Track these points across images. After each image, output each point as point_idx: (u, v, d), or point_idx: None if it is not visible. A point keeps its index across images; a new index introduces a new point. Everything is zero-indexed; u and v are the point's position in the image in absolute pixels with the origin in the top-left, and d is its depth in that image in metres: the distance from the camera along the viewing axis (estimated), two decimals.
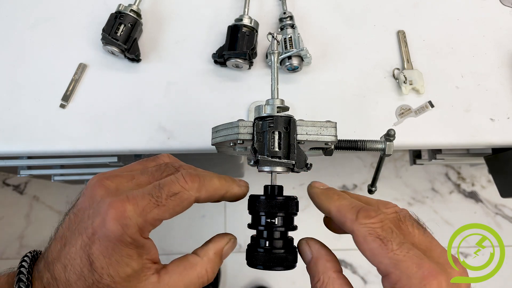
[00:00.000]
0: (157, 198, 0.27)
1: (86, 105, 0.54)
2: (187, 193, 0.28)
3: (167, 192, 0.28)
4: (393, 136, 0.42)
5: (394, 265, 0.25)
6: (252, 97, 0.54)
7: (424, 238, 0.28)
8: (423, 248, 0.27)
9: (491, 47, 0.57)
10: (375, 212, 0.28)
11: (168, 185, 0.28)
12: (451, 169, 1.46)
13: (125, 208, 0.26)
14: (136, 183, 0.30)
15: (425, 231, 0.28)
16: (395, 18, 0.59)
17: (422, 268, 0.24)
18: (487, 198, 1.42)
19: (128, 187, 0.29)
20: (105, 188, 0.28)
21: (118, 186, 0.29)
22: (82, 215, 0.28)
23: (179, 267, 0.29)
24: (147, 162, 0.33)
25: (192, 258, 0.30)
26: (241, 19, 0.54)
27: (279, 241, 0.32)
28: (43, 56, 0.56)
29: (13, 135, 0.52)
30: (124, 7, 0.55)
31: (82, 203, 0.29)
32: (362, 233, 0.27)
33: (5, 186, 1.45)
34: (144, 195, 0.27)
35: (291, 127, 0.35)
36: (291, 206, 0.33)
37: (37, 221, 1.41)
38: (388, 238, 0.26)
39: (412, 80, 0.54)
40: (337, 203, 0.30)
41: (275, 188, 0.34)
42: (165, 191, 0.28)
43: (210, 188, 0.30)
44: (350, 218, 0.28)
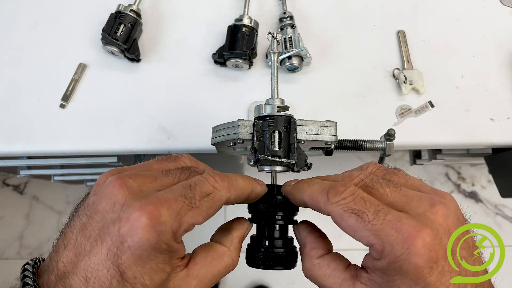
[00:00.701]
0: (190, 200, 0.25)
1: (86, 105, 0.54)
2: (219, 194, 0.27)
3: (200, 192, 0.26)
4: (393, 136, 0.42)
5: (374, 236, 0.24)
6: (252, 97, 0.54)
7: (397, 193, 0.27)
8: (399, 205, 0.26)
9: (491, 47, 0.57)
10: (343, 186, 0.27)
11: (199, 185, 0.26)
12: (451, 169, 1.46)
13: (159, 213, 0.24)
14: (160, 184, 0.27)
15: (396, 185, 0.28)
16: (395, 18, 0.59)
17: (401, 231, 0.24)
18: (487, 198, 1.41)
19: (153, 187, 0.26)
20: (127, 188, 0.25)
21: (141, 186, 0.26)
22: (102, 219, 0.25)
23: (206, 258, 0.28)
24: (167, 162, 0.31)
25: (219, 248, 0.30)
26: (241, 19, 0.54)
27: (279, 241, 0.32)
28: (43, 56, 0.56)
29: (13, 135, 0.52)
30: (124, 7, 0.55)
31: (99, 204, 0.26)
32: (338, 212, 0.26)
33: (5, 186, 1.45)
34: (177, 197, 0.25)
35: (291, 126, 0.35)
36: (290, 205, 0.33)
37: (37, 221, 1.41)
38: (362, 210, 0.25)
39: (412, 80, 0.54)
40: (308, 191, 0.29)
41: (274, 187, 0.34)
42: (198, 191, 0.26)
43: (238, 188, 0.29)
44: (323, 201, 0.27)
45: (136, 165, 0.30)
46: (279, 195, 0.34)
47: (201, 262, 0.28)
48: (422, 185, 0.29)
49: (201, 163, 0.33)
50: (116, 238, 0.23)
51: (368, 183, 0.28)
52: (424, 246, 0.23)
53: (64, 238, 0.26)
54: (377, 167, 0.31)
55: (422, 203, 0.26)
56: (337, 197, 0.26)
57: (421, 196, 0.26)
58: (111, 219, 0.24)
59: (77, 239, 0.25)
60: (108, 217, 0.25)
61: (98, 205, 0.26)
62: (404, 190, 0.27)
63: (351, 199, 0.26)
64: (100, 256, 0.24)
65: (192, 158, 0.32)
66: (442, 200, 0.26)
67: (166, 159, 0.31)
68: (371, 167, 0.31)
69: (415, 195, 0.27)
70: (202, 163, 0.33)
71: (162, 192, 0.25)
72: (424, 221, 0.25)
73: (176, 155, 0.32)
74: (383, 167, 0.31)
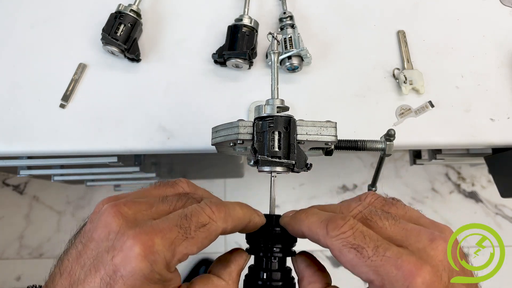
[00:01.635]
0: (185, 230, 0.25)
1: (86, 105, 0.54)
2: (215, 224, 0.26)
3: (195, 223, 0.26)
4: (393, 136, 0.42)
5: (374, 272, 0.24)
6: (252, 97, 0.54)
7: (396, 227, 0.27)
8: (398, 239, 0.26)
9: (491, 47, 0.57)
10: (342, 219, 0.26)
11: (195, 215, 0.26)
12: (451, 169, 1.46)
13: (153, 242, 0.23)
14: (156, 211, 0.27)
15: (395, 218, 0.27)
16: (395, 18, 0.59)
17: (402, 268, 0.24)
18: (487, 198, 1.42)
19: (148, 216, 0.26)
20: (122, 217, 0.25)
21: (136, 214, 0.26)
22: (97, 248, 0.25)
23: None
24: (165, 188, 0.31)
25: (217, 281, 0.29)
26: (241, 19, 0.54)
27: (277, 273, 0.32)
28: (43, 56, 0.56)
29: (13, 135, 0.52)
30: (124, 7, 0.55)
31: (94, 232, 0.26)
32: (337, 247, 0.26)
33: (5, 186, 1.45)
34: (171, 227, 0.25)
35: (291, 127, 0.35)
36: (289, 237, 0.32)
37: (37, 221, 1.41)
38: (361, 245, 0.25)
39: (412, 80, 0.54)
40: (306, 222, 0.29)
41: (273, 218, 0.33)
42: (193, 222, 0.26)
43: (236, 218, 0.28)
44: (322, 233, 0.27)
45: (134, 192, 0.30)
46: (277, 226, 0.33)
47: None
48: (421, 217, 0.29)
49: (200, 188, 0.32)
50: (109, 267, 0.23)
51: (367, 216, 0.28)
52: (424, 284, 0.23)
53: (61, 266, 0.26)
54: (375, 198, 0.30)
55: (421, 238, 0.26)
56: (336, 230, 0.26)
57: (420, 230, 0.26)
58: (106, 247, 0.24)
59: (72, 267, 0.25)
60: (102, 245, 0.25)
61: (93, 233, 0.26)
62: (403, 223, 0.27)
63: (350, 234, 0.26)
64: (93, 285, 0.23)
65: (190, 183, 0.32)
66: (442, 235, 0.26)
67: (164, 184, 0.31)
68: (369, 197, 0.30)
69: (414, 229, 0.26)
70: (200, 188, 0.32)
71: (157, 221, 0.25)
72: (424, 257, 0.24)
73: (174, 180, 0.32)
74: (381, 197, 0.30)
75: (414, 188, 1.43)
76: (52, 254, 1.37)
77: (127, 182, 1.05)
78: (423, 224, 0.28)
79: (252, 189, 1.38)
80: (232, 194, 1.40)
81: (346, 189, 1.41)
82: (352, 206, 0.29)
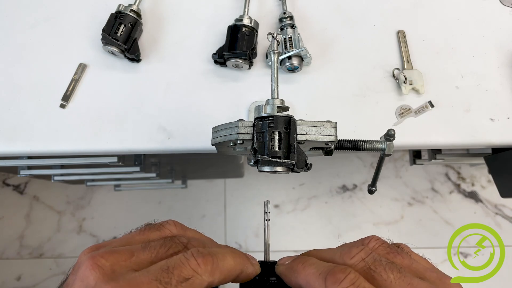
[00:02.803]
0: (165, 285, 0.23)
1: (86, 105, 0.54)
2: (199, 278, 0.24)
3: (177, 277, 0.24)
4: (393, 136, 0.42)
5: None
6: (252, 97, 0.54)
7: (402, 281, 0.25)
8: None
9: (491, 47, 0.57)
10: (342, 273, 0.24)
11: (178, 268, 0.24)
12: (451, 169, 1.46)
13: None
14: (136, 261, 0.25)
15: (400, 270, 0.25)
16: (395, 18, 0.59)
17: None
18: (487, 198, 1.42)
19: (127, 267, 0.25)
20: (99, 270, 0.24)
21: (114, 266, 0.25)
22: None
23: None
24: (150, 232, 0.29)
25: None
26: (241, 19, 0.54)
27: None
28: (43, 56, 0.56)
29: (13, 135, 0.52)
30: (124, 7, 0.55)
31: (73, 286, 0.25)
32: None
33: (5, 186, 1.45)
34: (150, 281, 0.23)
35: (291, 127, 0.35)
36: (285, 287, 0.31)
37: (37, 221, 1.41)
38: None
39: (412, 80, 0.54)
40: (302, 274, 0.27)
41: (267, 265, 0.32)
42: (175, 275, 0.24)
43: (224, 270, 0.26)
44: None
45: (117, 240, 0.29)
46: (273, 275, 0.31)
47: None
48: (428, 270, 0.27)
49: (189, 229, 0.31)
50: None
51: (370, 265, 0.26)
52: None
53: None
54: (379, 243, 0.28)
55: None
56: (336, 285, 0.24)
57: (424, 283, 0.25)
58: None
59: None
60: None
61: (72, 287, 0.25)
62: (409, 277, 0.25)
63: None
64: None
65: (178, 225, 0.30)
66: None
67: (150, 228, 0.29)
68: (373, 242, 0.28)
69: (421, 286, 0.25)
70: (190, 230, 0.31)
71: (136, 274, 0.24)
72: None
73: (161, 222, 0.30)
74: (386, 243, 0.28)
75: (414, 188, 1.43)
76: (52, 254, 1.37)
77: (127, 182, 1.05)
78: (429, 279, 0.26)
79: (252, 189, 1.38)
80: (232, 194, 1.40)
81: (346, 189, 1.42)
82: (354, 252, 0.27)
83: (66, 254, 1.36)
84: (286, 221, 1.36)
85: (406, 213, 1.39)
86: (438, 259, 1.32)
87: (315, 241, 1.32)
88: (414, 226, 1.38)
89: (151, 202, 1.41)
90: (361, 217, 1.38)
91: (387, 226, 1.37)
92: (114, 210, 1.42)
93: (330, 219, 1.36)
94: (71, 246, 1.37)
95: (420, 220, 1.38)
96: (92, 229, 1.40)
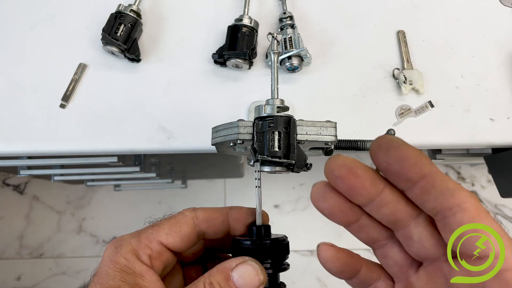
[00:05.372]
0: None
1: (86, 105, 0.54)
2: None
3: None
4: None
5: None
6: (252, 97, 0.54)
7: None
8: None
9: (491, 47, 0.57)
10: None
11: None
12: (451, 169, 1.46)
13: None
14: None
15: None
16: (395, 18, 0.59)
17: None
18: (487, 198, 1.42)
19: None
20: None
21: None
22: None
23: None
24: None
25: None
26: (241, 19, 0.54)
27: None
28: (43, 56, 0.56)
29: (13, 135, 0.52)
30: (124, 7, 0.55)
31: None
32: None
33: (5, 186, 1.45)
34: None
35: (291, 127, 0.35)
36: (281, 250, 0.30)
37: (37, 221, 1.41)
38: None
39: (412, 80, 0.54)
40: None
41: (261, 228, 0.31)
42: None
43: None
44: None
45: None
46: (268, 237, 0.30)
47: None
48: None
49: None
50: None
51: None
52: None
53: None
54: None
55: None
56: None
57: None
58: None
59: None
60: None
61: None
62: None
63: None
64: None
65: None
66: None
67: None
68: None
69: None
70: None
71: None
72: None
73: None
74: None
75: None
76: (52, 254, 1.37)
77: (127, 182, 1.05)
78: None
79: (252, 189, 1.38)
80: (232, 194, 1.40)
81: None
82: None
83: (66, 254, 1.36)
84: (286, 221, 1.36)
85: None
86: None
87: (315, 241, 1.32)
88: None
89: (151, 202, 1.41)
90: None
91: None
92: (114, 210, 1.42)
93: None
94: (71, 246, 1.37)
95: None
96: (92, 229, 1.40)
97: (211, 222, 0.29)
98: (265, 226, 0.31)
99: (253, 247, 0.29)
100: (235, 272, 0.27)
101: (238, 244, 0.30)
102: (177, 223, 0.27)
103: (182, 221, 0.27)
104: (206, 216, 0.29)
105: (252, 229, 0.31)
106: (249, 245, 0.29)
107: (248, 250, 0.29)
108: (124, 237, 0.25)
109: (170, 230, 0.26)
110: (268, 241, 0.30)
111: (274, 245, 0.30)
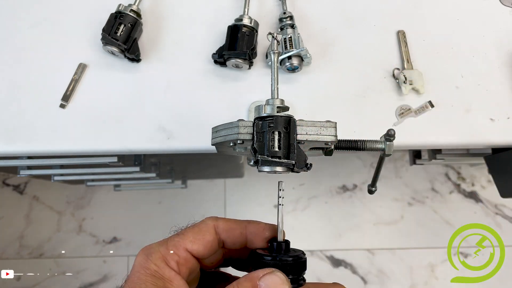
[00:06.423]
0: None
1: (86, 105, 0.54)
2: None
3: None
4: (393, 136, 0.42)
5: None
6: (252, 97, 0.54)
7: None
8: None
9: (491, 47, 0.57)
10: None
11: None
12: (451, 169, 1.46)
13: None
14: None
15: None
16: (395, 18, 0.59)
17: None
18: (487, 198, 1.41)
19: None
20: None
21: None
22: None
23: None
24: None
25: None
26: (241, 19, 0.54)
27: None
28: (43, 56, 0.56)
29: (13, 135, 0.52)
30: (124, 7, 0.55)
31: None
32: None
33: (5, 186, 1.45)
34: None
35: (291, 127, 0.34)
36: (301, 267, 0.31)
37: (37, 221, 1.41)
38: None
39: (412, 80, 0.54)
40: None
41: (281, 245, 0.32)
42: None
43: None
44: None
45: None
46: (287, 253, 0.31)
47: None
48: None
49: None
50: None
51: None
52: None
53: None
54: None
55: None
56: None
57: None
58: None
59: None
60: None
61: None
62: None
63: None
64: None
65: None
66: None
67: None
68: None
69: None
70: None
71: None
72: None
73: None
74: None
75: (414, 188, 1.43)
76: (52, 254, 1.37)
77: (127, 182, 1.05)
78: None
79: (252, 189, 1.38)
80: (232, 194, 1.40)
81: (346, 189, 1.42)
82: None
83: (66, 254, 1.36)
84: (286, 221, 1.35)
85: (406, 213, 1.39)
86: (438, 259, 1.32)
87: (315, 241, 1.32)
88: (414, 226, 1.38)
89: (151, 202, 1.41)
90: (361, 217, 1.38)
91: (387, 226, 1.37)
92: (114, 210, 1.42)
93: (330, 219, 1.36)
94: (71, 246, 1.37)
95: (420, 220, 1.38)
96: (92, 229, 1.40)
97: (230, 232, 0.31)
98: (285, 243, 0.32)
99: (277, 263, 0.30)
100: (263, 281, 0.28)
101: (261, 259, 0.31)
102: (200, 231, 0.29)
103: (205, 229, 0.29)
104: (226, 226, 0.31)
105: (273, 244, 0.32)
106: (272, 261, 0.30)
107: (273, 266, 0.30)
108: (153, 246, 0.26)
109: (195, 238, 0.28)
110: (290, 258, 0.31)
111: (295, 262, 0.31)
